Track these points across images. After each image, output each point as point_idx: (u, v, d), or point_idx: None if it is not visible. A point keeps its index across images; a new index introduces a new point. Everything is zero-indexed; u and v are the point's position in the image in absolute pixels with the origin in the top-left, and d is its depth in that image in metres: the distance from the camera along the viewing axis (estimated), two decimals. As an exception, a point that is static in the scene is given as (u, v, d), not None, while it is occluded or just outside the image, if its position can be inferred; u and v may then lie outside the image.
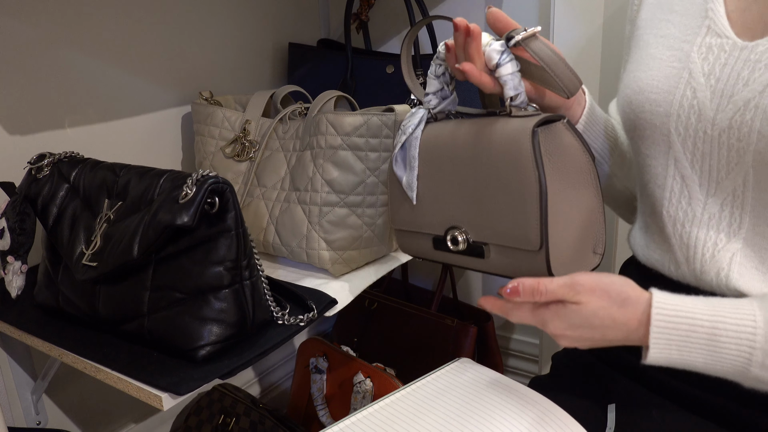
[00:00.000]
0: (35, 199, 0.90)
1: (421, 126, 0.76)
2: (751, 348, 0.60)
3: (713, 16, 0.70)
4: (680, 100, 0.70)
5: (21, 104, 1.01)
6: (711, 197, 0.70)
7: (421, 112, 0.77)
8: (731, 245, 0.69)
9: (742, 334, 0.60)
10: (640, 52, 0.76)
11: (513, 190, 0.67)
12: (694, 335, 0.61)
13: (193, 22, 1.23)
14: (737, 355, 0.61)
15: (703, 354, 0.62)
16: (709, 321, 0.61)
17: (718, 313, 0.61)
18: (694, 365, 0.63)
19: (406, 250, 0.83)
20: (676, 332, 0.62)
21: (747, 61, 0.66)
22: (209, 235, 0.78)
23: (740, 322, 0.60)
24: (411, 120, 0.77)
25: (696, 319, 0.61)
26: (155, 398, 0.74)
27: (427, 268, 1.69)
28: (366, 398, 1.27)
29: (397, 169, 0.78)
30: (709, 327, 0.61)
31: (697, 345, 0.62)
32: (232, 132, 1.11)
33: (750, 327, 0.60)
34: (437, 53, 0.75)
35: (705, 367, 0.63)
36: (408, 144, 0.77)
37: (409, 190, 0.77)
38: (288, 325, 0.85)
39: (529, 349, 1.65)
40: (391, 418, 0.71)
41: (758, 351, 0.60)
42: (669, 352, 0.63)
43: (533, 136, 0.65)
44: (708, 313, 0.61)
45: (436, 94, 0.76)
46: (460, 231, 0.73)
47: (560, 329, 0.65)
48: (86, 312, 0.85)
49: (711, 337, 0.61)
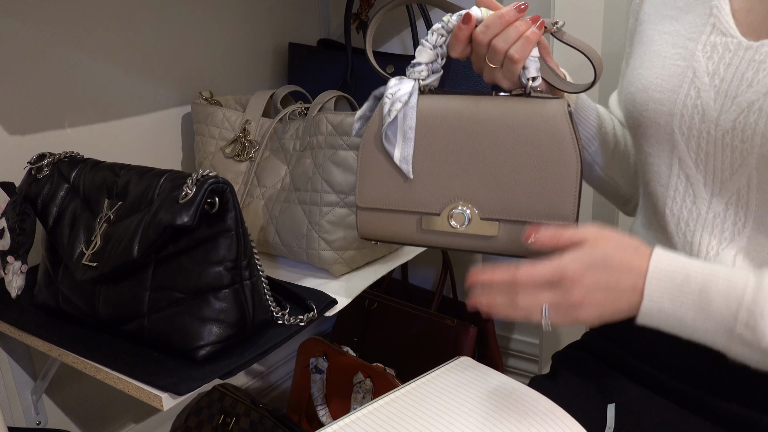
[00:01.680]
0: (35, 199, 0.90)
1: (414, 96, 0.72)
2: (738, 305, 0.60)
3: (718, 14, 0.69)
4: (684, 100, 0.69)
5: (21, 104, 1.01)
6: (716, 197, 0.69)
7: (411, 81, 0.72)
8: (735, 244, 0.68)
9: (733, 291, 0.60)
10: (643, 48, 0.76)
11: (550, 168, 0.69)
12: (687, 287, 0.62)
13: (193, 22, 1.23)
14: (725, 311, 0.61)
15: (693, 308, 0.62)
16: (702, 276, 0.62)
17: (713, 271, 0.62)
18: (683, 321, 0.63)
19: (371, 233, 0.76)
20: (670, 282, 0.62)
21: (752, 62, 0.65)
22: (209, 235, 0.78)
23: (733, 280, 0.61)
24: (400, 88, 0.71)
25: (691, 272, 0.62)
26: (155, 398, 0.74)
27: (427, 268, 1.69)
28: (366, 398, 1.27)
29: (386, 143, 0.72)
30: (702, 281, 0.62)
31: (689, 297, 0.62)
32: (232, 132, 1.11)
33: (741, 286, 0.60)
34: (444, 23, 0.71)
35: (693, 323, 0.62)
36: (403, 114, 0.72)
37: (404, 164, 0.72)
38: (288, 325, 0.85)
39: (529, 349, 1.64)
40: (390, 417, 0.71)
41: (744, 310, 0.60)
42: (661, 303, 0.63)
43: (570, 118, 0.68)
44: (703, 269, 0.62)
45: (428, 66, 0.72)
46: (465, 207, 0.71)
47: (579, 272, 0.63)
48: (86, 312, 0.85)
49: (703, 291, 0.61)
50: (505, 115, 0.70)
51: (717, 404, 0.72)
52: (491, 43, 0.69)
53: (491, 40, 0.69)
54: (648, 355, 0.78)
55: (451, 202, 0.72)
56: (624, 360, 0.80)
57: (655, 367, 0.77)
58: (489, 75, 0.72)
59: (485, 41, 0.69)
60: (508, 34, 0.68)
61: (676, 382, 0.75)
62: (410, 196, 0.73)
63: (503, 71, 0.70)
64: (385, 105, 0.72)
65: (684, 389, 0.74)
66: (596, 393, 0.79)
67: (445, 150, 0.72)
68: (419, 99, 0.72)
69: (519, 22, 0.68)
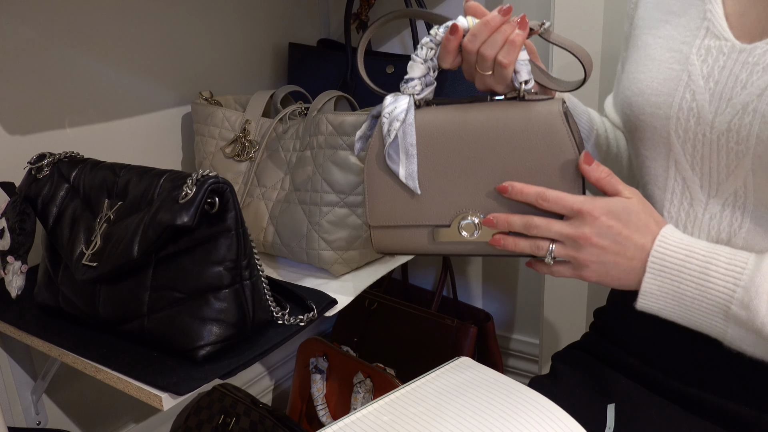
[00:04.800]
0: (35, 199, 0.90)
1: (411, 112, 0.73)
2: (735, 284, 0.62)
3: (712, 18, 0.70)
4: (679, 103, 0.70)
5: (21, 104, 1.01)
6: (712, 198, 0.70)
7: (405, 97, 0.73)
8: (731, 245, 0.69)
9: (732, 270, 0.63)
10: (638, 52, 0.76)
11: (551, 171, 0.68)
12: (689, 263, 0.65)
13: (193, 22, 1.23)
14: (723, 289, 0.63)
15: (692, 287, 0.65)
16: (704, 255, 0.65)
17: (715, 252, 0.65)
18: (683, 298, 0.65)
19: (387, 248, 0.78)
20: (672, 259, 0.65)
21: (745, 64, 0.66)
22: (209, 235, 0.78)
23: (733, 261, 0.63)
24: (397, 106, 0.72)
25: (694, 252, 0.65)
26: (155, 398, 0.74)
27: (427, 269, 1.69)
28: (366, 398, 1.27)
29: (390, 162, 0.73)
30: (704, 260, 0.64)
31: (689, 275, 0.65)
32: (232, 132, 1.11)
33: (740, 267, 0.63)
34: (432, 36, 0.71)
35: (692, 303, 0.65)
36: (402, 132, 0.72)
37: (411, 181, 0.73)
38: (288, 325, 0.85)
39: (529, 349, 1.65)
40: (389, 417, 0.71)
41: (740, 289, 0.62)
42: (662, 280, 0.66)
43: (566, 116, 0.68)
44: (706, 248, 0.65)
45: (420, 80, 0.73)
46: (474, 216, 0.72)
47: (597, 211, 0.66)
48: (86, 312, 0.85)
49: (703, 270, 0.64)
50: (500, 122, 0.70)
51: (717, 404, 0.72)
52: (479, 51, 0.68)
53: (479, 48, 0.68)
54: (648, 355, 0.78)
55: (459, 213, 0.73)
56: (624, 360, 0.80)
57: (655, 367, 0.77)
58: (481, 82, 0.72)
59: (474, 50, 0.69)
60: (494, 39, 0.68)
61: (675, 382, 0.75)
62: (419, 211, 0.74)
63: (495, 77, 0.70)
64: (384, 124, 0.72)
65: (684, 389, 0.74)
66: (596, 393, 0.79)
67: (448, 162, 0.72)
68: (416, 114, 0.73)
69: (505, 26, 0.67)
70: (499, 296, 1.66)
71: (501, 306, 1.66)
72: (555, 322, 1.48)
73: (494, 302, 1.66)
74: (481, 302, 1.67)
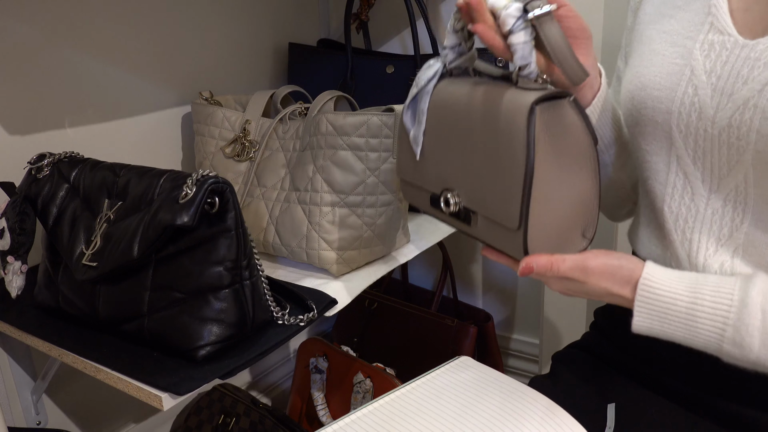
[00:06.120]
0: (35, 199, 0.90)
1: (434, 80, 0.73)
2: (724, 325, 0.62)
3: (716, 13, 0.70)
4: (682, 98, 0.70)
5: (21, 104, 1.01)
6: (714, 193, 0.70)
7: (437, 65, 0.74)
8: (733, 240, 0.69)
9: (718, 310, 0.63)
10: (642, 47, 0.76)
11: (503, 165, 0.65)
12: (673, 309, 0.65)
13: (193, 22, 1.23)
14: (712, 332, 0.63)
15: (681, 329, 0.65)
16: (689, 298, 0.64)
17: (698, 291, 0.64)
18: (674, 338, 0.66)
19: (409, 200, 0.82)
20: (657, 306, 0.66)
21: (747, 59, 0.66)
22: (209, 235, 0.78)
23: (718, 300, 0.63)
24: (426, 72, 0.73)
25: (677, 296, 0.65)
26: (155, 398, 0.74)
27: (427, 269, 1.69)
28: (366, 398, 1.27)
29: (406, 120, 0.76)
30: (689, 303, 0.64)
31: (675, 320, 0.65)
32: (232, 132, 1.11)
33: (726, 306, 0.63)
34: None
35: (684, 340, 0.66)
36: (419, 97, 0.74)
37: (415, 144, 0.75)
38: (288, 325, 0.85)
39: (529, 349, 1.64)
40: (389, 417, 0.71)
41: (730, 328, 0.62)
42: (651, 323, 0.66)
43: (530, 114, 0.62)
44: (689, 290, 0.65)
45: (453, 49, 0.72)
46: (453, 194, 0.72)
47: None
48: (86, 312, 0.85)
49: (689, 314, 0.64)
50: (483, 106, 0.68)
51: (716, 404, 0.72)
52: None
53: None
54: (647, 355, 0.78)
55: (444, 186, 0.73)
56: (624, 360, 0.80)
57: (655, 367, 0.77)
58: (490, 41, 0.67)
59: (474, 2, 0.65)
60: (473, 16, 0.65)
61: (675, 381, 0.75)
62: (420, 174, 0.77)
63: None
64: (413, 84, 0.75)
65: (684, 389, 0.74)
66: (596, 393, 0.79)
67: (445, 136, 0.73)
68: (443, 82, 0.73)
69: None
70: (499, 296, 1.66)
71: (501, 306, 1.66)
72: (555, 322, 1.48)
73: (494, 302, 1.66)
74: (481, 302, 1.67)
